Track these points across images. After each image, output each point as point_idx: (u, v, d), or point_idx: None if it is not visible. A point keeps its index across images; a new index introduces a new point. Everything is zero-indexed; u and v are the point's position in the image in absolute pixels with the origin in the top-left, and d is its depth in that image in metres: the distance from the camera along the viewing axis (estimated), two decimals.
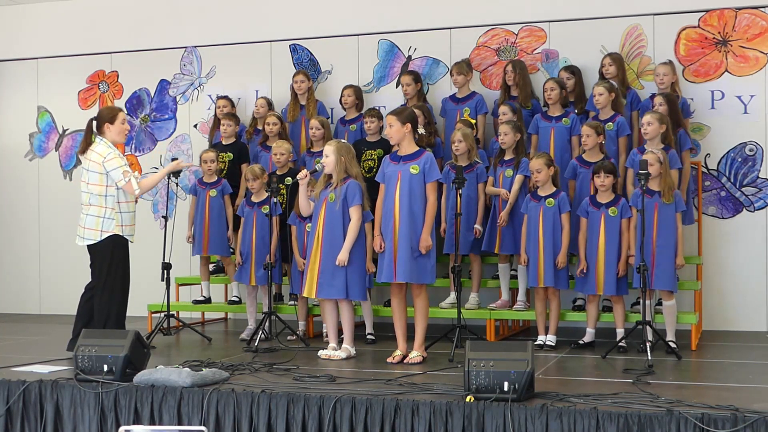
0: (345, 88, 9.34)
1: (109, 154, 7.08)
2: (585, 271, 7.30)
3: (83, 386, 5.74)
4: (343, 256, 6.83)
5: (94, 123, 7.26)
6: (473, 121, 8.67)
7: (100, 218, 7.07)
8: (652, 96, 8.27)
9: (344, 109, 9.39)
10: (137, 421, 5.61)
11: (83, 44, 10.89)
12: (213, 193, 8.74)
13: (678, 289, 7.35)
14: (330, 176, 7.03)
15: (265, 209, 8.03)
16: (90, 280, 7.28)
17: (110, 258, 7.11)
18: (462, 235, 7.83)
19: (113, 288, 7.14)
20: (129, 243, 7.24)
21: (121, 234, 7.11)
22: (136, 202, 7.50)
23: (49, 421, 5.77)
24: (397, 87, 9.59)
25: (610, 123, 8.11)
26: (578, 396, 5.18)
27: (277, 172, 8.47)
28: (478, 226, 8.06)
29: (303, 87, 9.40)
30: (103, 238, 7.07)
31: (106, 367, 5.82)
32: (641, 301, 6.82)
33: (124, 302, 7.26)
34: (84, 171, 7.15)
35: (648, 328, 6.74)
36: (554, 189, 7.48)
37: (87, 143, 7.21)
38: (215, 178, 8.80)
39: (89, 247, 7.14)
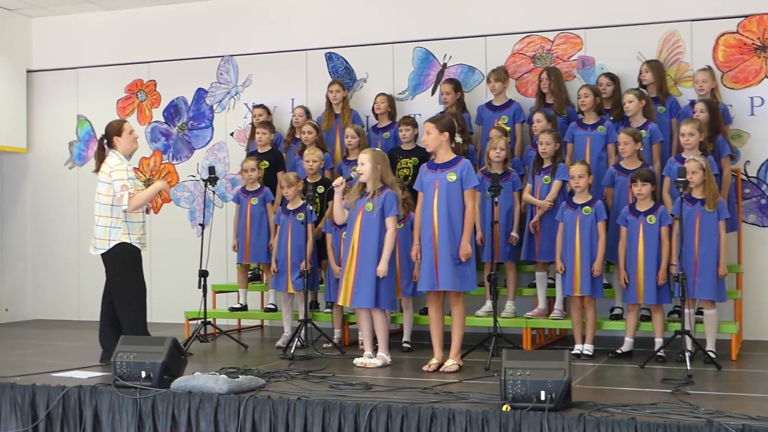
0: (378, 95, 9.35)
1: (116, 166, 7.18)
2: (627, 281, 7.23)
3: (122, 392, 5.77)
4: (382, 267, 6.84)
5: (105, 141, 7.35)
6: (508, 129, 8.63)
7: (108, 228, 7.15)
8: (692, 102, 8.19)
9: (376, 117, 9.40)
10: (174, 427, 5.63)
11: (122, 54, 11.00)
12: (254, 201, 8.77)
13: (726, 298, 7.26)
14: (365, 185, 7.02)
15: (300, 217, 8.04)
16: (104, 290, 7.37)
17: (122, 265, 7.17)
18: (499, 244, 7.78)
19: (131, 295, 7.20)
20: (141, 251, 7.29)
21: (129, 242, 7.16)
22: (148, 212, 7.56)
23: (88, 427, 5.81)
24: (432, 95, 9.58)
25: (643, 130, 8.05)
26: (616, 406, 5.12)
27: (309, 179, 8.48)
28: (514, 234, 8.02)
29: (338, 96, 9.42)
30: (111, 246, 7.14)
31: (144, 374, 5.84)
32: (681, 310, 6.74)
33: (144, 308, 7.30)
34: (98, 182, 7.27)
35: (687, 337, 6.66)
36: (590, 197, 7.42)
37: (100, 161, 7.32)
38: (257, 186, 8.83)
39: (102, 256, 7.22)
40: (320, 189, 8.35)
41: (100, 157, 7.33)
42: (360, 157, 7.07)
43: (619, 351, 7.34)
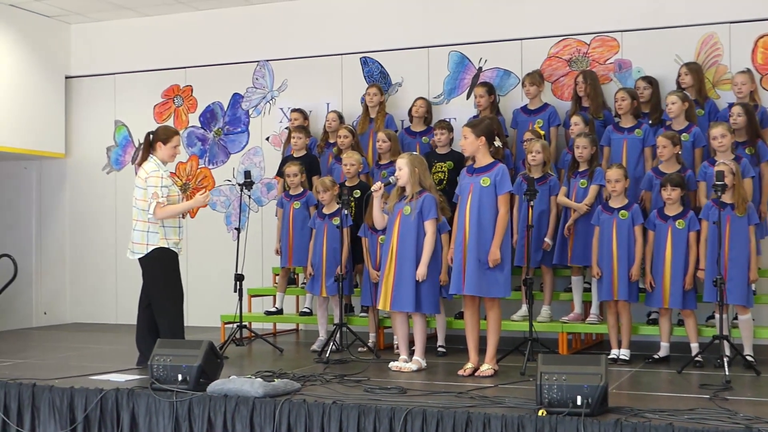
0: (417, 99, 9.35)
1: (153, 172, 7.21)
2: (653, 284, 7.18)
3: (158, 395, 5.81)
4: (422, 271, 6.83)
5: (151, 137, 7.38)
6: (542, 133, 8.59)
7: (145, 232, 7.18)
8: (731, 105, 8.11)
9: (411, 120, 9.39)
10: (210, 430, 5.65)
11: (159, 60, 11.09)
12: (297, 205, 8.80)
13: (754, 303, 7.18)
14: (404, 189, 7.03)
15: (336, 221, 8.06)
16: (141, 294, 7.40)
17: (160, 270, 7.20)
18: (533, 248, 7.75)
19: (168, 299, 7.23)
20: (178, 255, 7.32)
21: (166, 246, 7.20)
22: (184, 217, 7.58)
23: (125, 429, 5.85)
24: (467, 98, 9.57)
25: (686, 134, 7.98)
26: (653, 411, 5.08)
27: (347, 183, 8.49)
28: (548, 240, 7.98)
29: (375, 100, 9.43)
30: (149, 251, 7.17)
31: (180, 377, 5.88)
32: (718, 315, 6.67)
33: (181, 312, 7.34)
34: (135, 187, 7.31)
35: (725, 342, 6.59)
36: (626, 201, 7.37)
37: (144, 157, 7.35)
38: (300, 191, 8.85)
39: (139, 260, 7.26)
40: (357, 193, 8.36)
41: (143, 158, 7.36)
42: (397, 162, 7.08)
43: (656, 356, 7.28)
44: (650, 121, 8.34)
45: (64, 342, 9.36)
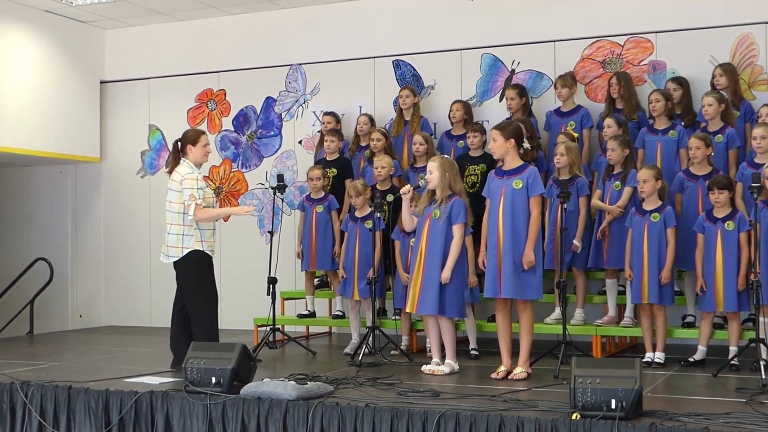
0: (454, 102, 9.32)
1: (187, 174, 7.24)
2: (704, 288, 7.12)
3: (192, 398, 5.84)
4: (446, 274, 6.82)
5: (179, 144, 7.42)
6: (576, 135, 8.57)
7: (180, 236, 7.21)
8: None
9: (452, 124, 9.36)
10: None
11: (192, 64, 11.17)
12: (320, 209, 8.84)
13: None
14: (434, 192, 7.03)
15: (369, 224, 8.08)
16: (175, 297, 7.44)
17: (195, 273, 7.23)
18: (565, 250, 7.73)
19: (204, 302, 7.26)
20: (212, 258, 7.35)
21: (201, 249, 7.23)
22: (217, 220, 7.61)
23: (159, 431, 5.90)
24: (500, 101, 9.55)
25: (720, 135, 7.93)
26: (688, 415, 5.05)
27: (378, 186, 8.51)
28: (576, 242, 7.94)
29: (408, 102, 9.43)
30: (184, 254, 7.20)
31: (214, 380, 5.91)
32: (755, 318, 6.61)
33: (215, 315, 7.37)
34: (168, 190, 7.33)
35: (762, 345, 6.53)
36: (660, 203, 7.33)
37: (175, 163, 7.38)
38: (322, 194, 8.90)
39: (174, 264, 7.29)
40: (390, 197, 8.37)
41: (174, 161, 7.40)
42: (428, 165, 7.06)
43: (691, 359, 7.22)
44: (683, 123, 8.28)
45: (99, 345, 9.44)
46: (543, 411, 5.28)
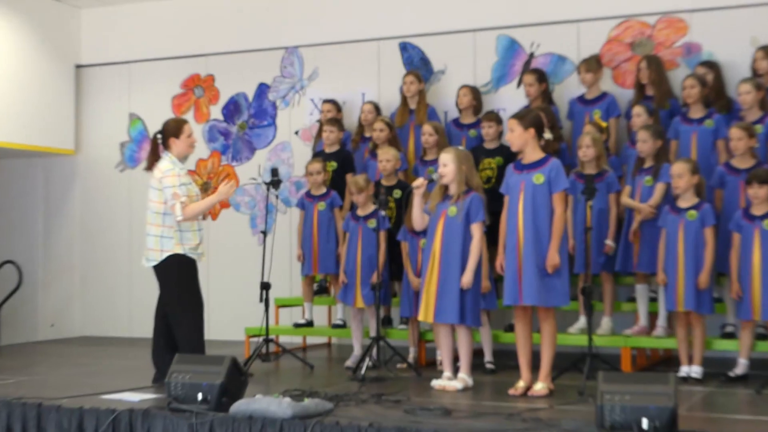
0: (461, 88, 9.32)
1: (168, 171, 7.22)
2: (740, 294, 7.06)
3: (176, 416, 5.80)
4: (467, 278, 6.80)
5: (159, 137, 7.41)
6: (604, 125, 8.54)
7: (159, 237, 7.20)
8: None
9: (459, 112, 9.36)
10: None
11: (177, 46, 11.18)
12: (321, 206, 8.81)
13: None
14: (446, 188, 7.00)
15: (372, 223, 8.05)
16: (157, 304, 7.44)
17: (177, 278, 7.23)
18: (593, 253, 7.68)
19: (186, 310, 7.25)
20: (197, 262, 7.33)
21: (183, 253, 7.20)
22: (204, 218, 7.57)
23: None
24: (518, 87, 9.52)
25: (759, 125, 7.90)
26: None
27: (383, 182, 8.49)
28: (609, 242, 7.91)
29: (413, 89, 9.41)
30: (164, 258, 7.18)
31: (200, 396, 5.88)
32: None
33: (200, 324, 7.36)
34: (149, 188, 7.32)
35: None
36: (697, 200, 7.28)
37: (153, 159, 7.38)
38: (323, 190, 8.88)
39: (154, 268, 7.28)
40: (397, 193, 8.33)
41: (152, 157, 7.41)
42: (441, 157, 7.05)
43: (731, 374, 7.17)
44: (717, 110, 8.23)
45: (72, 357, 9.44)
46: (566, 431, 5.23)
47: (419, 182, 7.09)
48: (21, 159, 11.70)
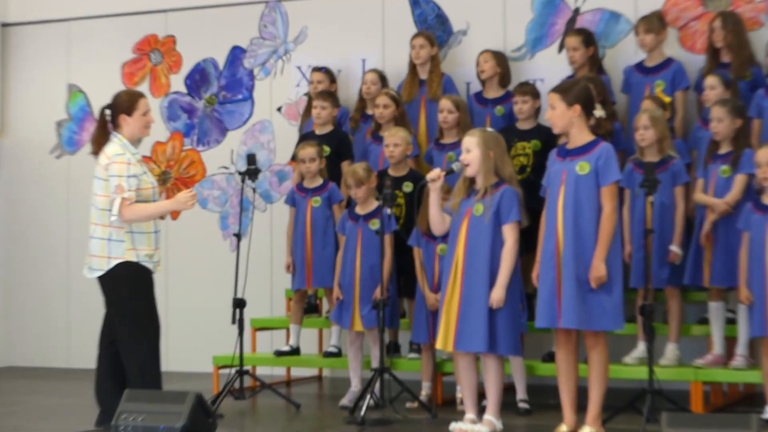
0: (481, 53, 9.33)
1: (116, 156, 7.18)
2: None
3: None
4: (498, 294, 6.79)
5: (107, 113, 7.38)
6: (667, 99, 8.51)
7: (106, 241, 7.16)
8: None
9: (482, 84, 9.36)
10: None
11: (129, 0, 11.15)
12: (316, 201, 8.80)
13: None
14: (473, 180, 6.99)
15: (375, 224, 8.03)
16: (102, 327, 7.43)
17: (127, 293, 7.20)
18: (654, 262, 7.66)
19: (139, 333, 7.22)
20: (153, 273, 7.32)
21: (136, 260, 7.19)
22: (163, 218, 7.52)
23: None
24: (559, 52, 9.54)
25: None
26: None
27: (390, 172, 8.49)
28: (675, 249, 7.89)
29: (423, 54, 9.43)
30: (111, 266, 7.15)
31: None
32: None
33: (156, 351, 7.33)
34: (94, 179, 7.29)
35: None
36: None
37: (100, 141, 7.35)
38: (319, 182, 8.87)
39: (99, 280, 7.26)
40: (407, 186, 8.32)
41: (100, 139, 7.38)
42: (465, 141, 7.04)
43: None
44: None
45: None
46: None
47: (435, 174, 7.06)
48: None
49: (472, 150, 6.95)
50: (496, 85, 9.25)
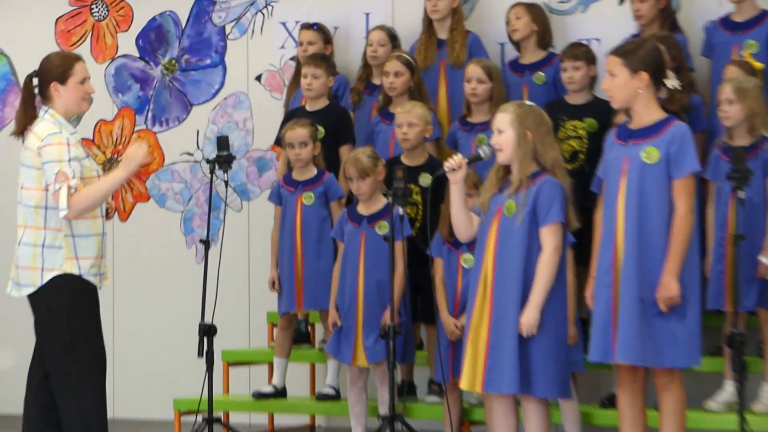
0: (512, 7, 9.33)
1: (50, 137, 7.12)
2: None
3: None
4: (529, 318, 6.71)
5: (35, 82, 7.34)
6: (759, 66, 8.44)
7: (39, 248, 7.12)
8: None
9: (516, 46, 9.39)
10: None
11: None
12: (308, 198, 8.78)
13: None
14: (507, 169, 6.92)
15: (382, 228, 7.99)
16: (32, 361, 7.38)
17: (65, 314, 7.14)
18: (741, 276, 7.59)
19: (80, 368, 7.17)
20: (97, 288, 7.28)
21: (77, 273, 7.13)
22: (109, 217, 7.45)
23: None
24: (620, 3, 9.51)
25: None
26: None
27: (403, 160, 8.49)
28: (764, 260, 7.78)
29: (442, 8, 9.41)
30: (45, 281, 7.10)
31: None
32: None
33: (102, 391, 7.29)
34: (20, 167, 7.26)
35: None
36: None
37: (26, 118, 7.31)
38: (312, 173, 8.85)
39: (29, 299, 7.22)
40: (425, 179, 8.25)
41: (26, 115, 7.34)
42: (496, 120, 6.98)
43: None
44: None
45: None
46: None
47: (456, 162, 6.97)
48: None
49: (504, 130, 6.88)
50: (534, 47, 9.26)
